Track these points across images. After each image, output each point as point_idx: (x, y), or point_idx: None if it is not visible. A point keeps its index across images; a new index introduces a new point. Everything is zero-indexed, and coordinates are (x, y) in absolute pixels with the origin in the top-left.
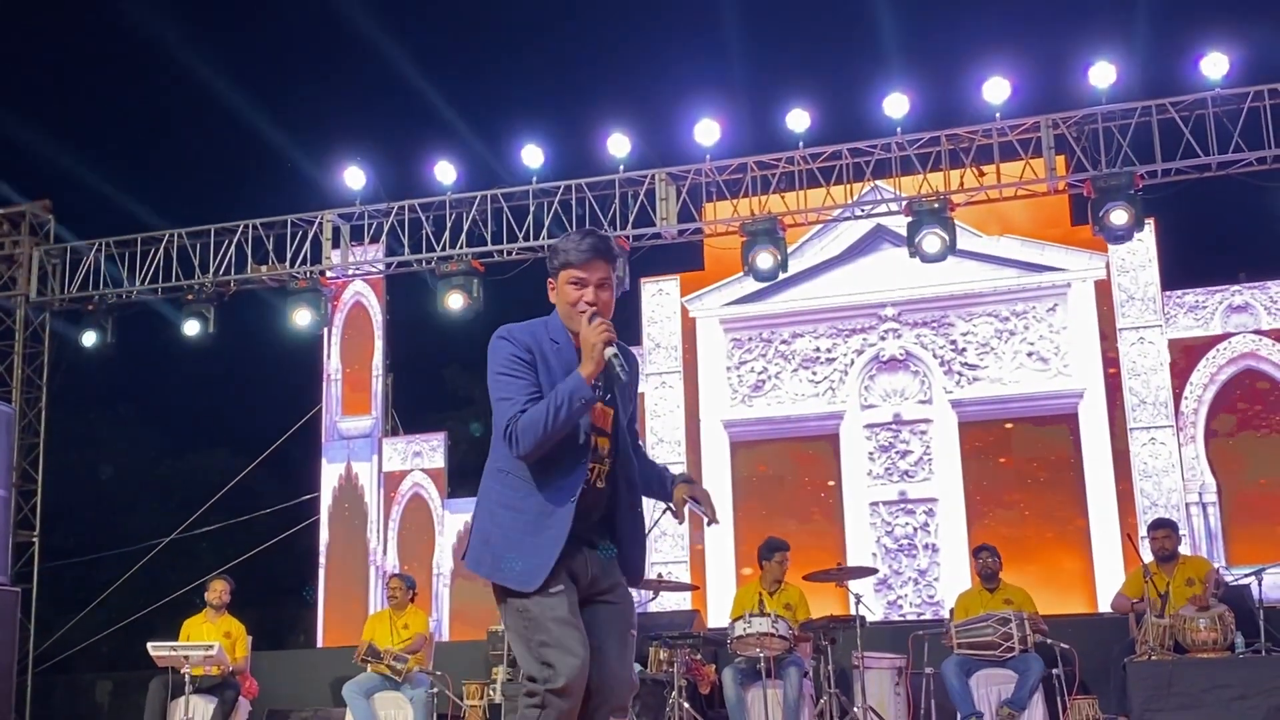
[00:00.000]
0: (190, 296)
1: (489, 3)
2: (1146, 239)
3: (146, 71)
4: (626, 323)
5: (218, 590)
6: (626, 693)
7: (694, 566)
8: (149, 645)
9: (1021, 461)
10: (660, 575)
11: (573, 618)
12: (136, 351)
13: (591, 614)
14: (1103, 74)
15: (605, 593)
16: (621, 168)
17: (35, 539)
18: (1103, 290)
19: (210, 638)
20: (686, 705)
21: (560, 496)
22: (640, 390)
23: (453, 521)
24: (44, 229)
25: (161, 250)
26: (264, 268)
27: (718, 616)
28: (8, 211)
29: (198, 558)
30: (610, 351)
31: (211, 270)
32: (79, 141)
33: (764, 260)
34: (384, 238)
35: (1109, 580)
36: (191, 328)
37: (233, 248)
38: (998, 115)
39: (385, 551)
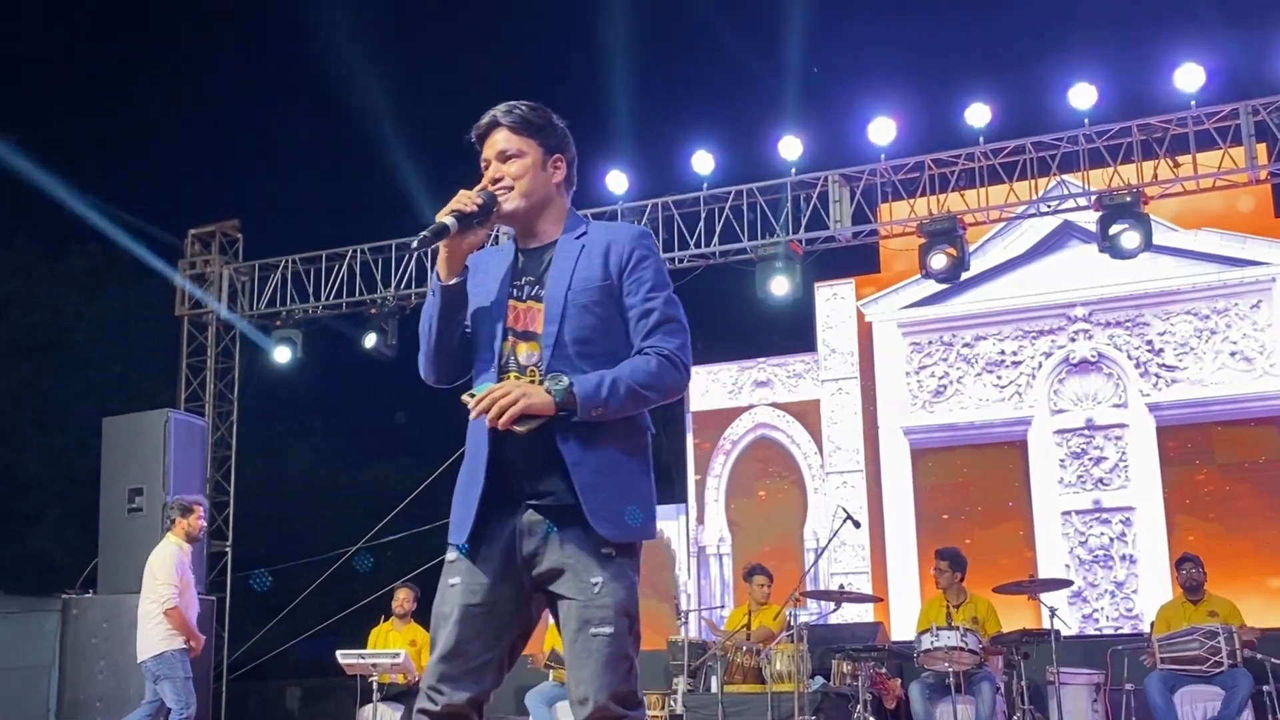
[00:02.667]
0: (373, 310)
1: (659, 15)
2: None
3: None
4: (801, 329)
5: (402, 599)
6: (589, 709)
7: (875, 577)
8: (338, 654)
9: (1225, 467)
10: (841, 586)
11: (457, 600)
12: (321, 365)
13: (557, 611)
14: None
15: (553, 579)
16: (793, 170)
17: (228, 549)
18: None
19: (397, 646)
20: (872, 719)
21: (477, 422)
22: (815, 397)
23: None
24: (233, 248)
25: (345, 266)
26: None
27: (900, 629)
28: (199, 232)
29: (381, 566)
30: (445, 220)
31: (393, 285)
32: (267, 164)
33: (943, 261)
34: None
35: None
36: (371, 341)
37: (413, 262)
38: (1193, 103)
39: None
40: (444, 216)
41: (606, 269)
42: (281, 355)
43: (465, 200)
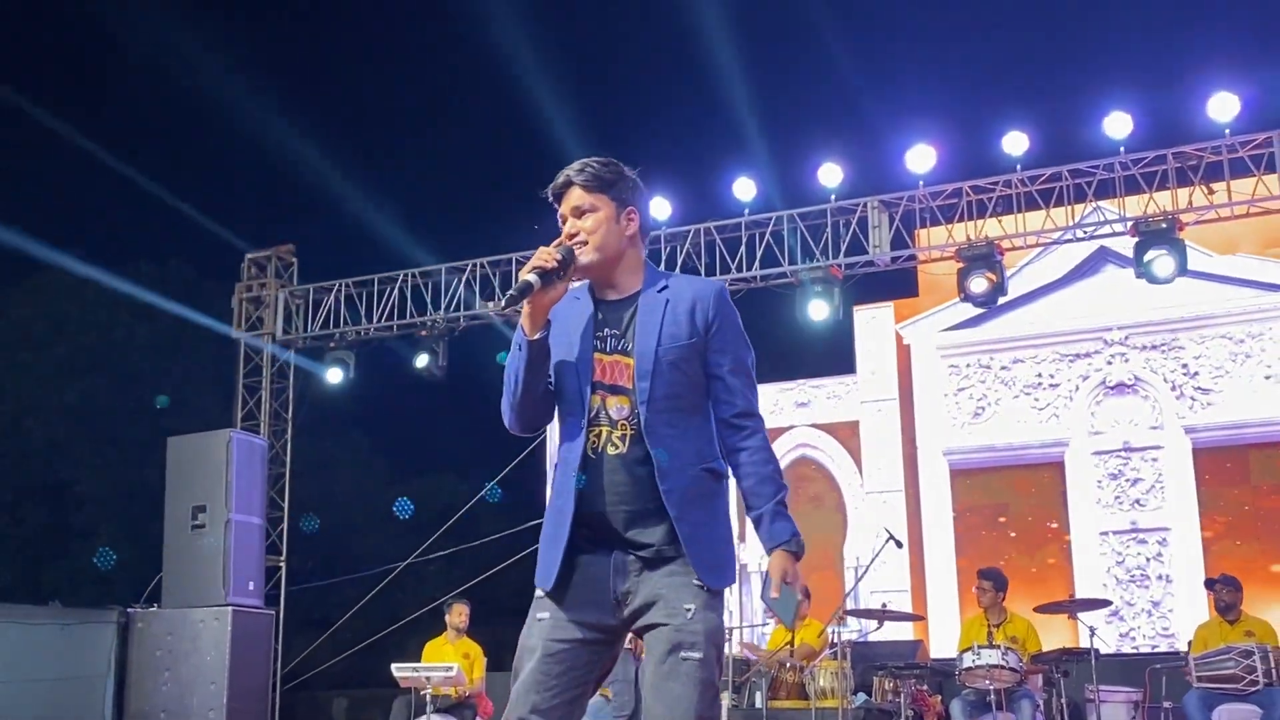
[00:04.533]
0: (423, 332)
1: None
2: None
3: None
4: (841, 351)
5: (459, 613)
6: None
7: (915, 596)
8: (393, 667)
9: (1260, 489)
10: (884, 604)
11: (544, 635)
12: (372, 385)
13: (644, 644)
14: None
15: (645, 611)
16: (833, 197)
17: (282, 563)
18: None
19: (450, 659)
20: None
21: (564, 472)
22: (854, 417)
23: None
24: (288, 272)
25: (396, 290)
26: (491, 304)
27: (940, 647)
28: (255, 256)
29: (427, 580)
30: (529, 277)
31: (443, 307)
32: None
33: (981, 285)
34: None
35: None
36: (423, 361)
37: (461, 285)
38: (1227, 131)
39: None
40: (527, 274)
41: (694, 326)
42: (334, 376)
43: (546, 257)
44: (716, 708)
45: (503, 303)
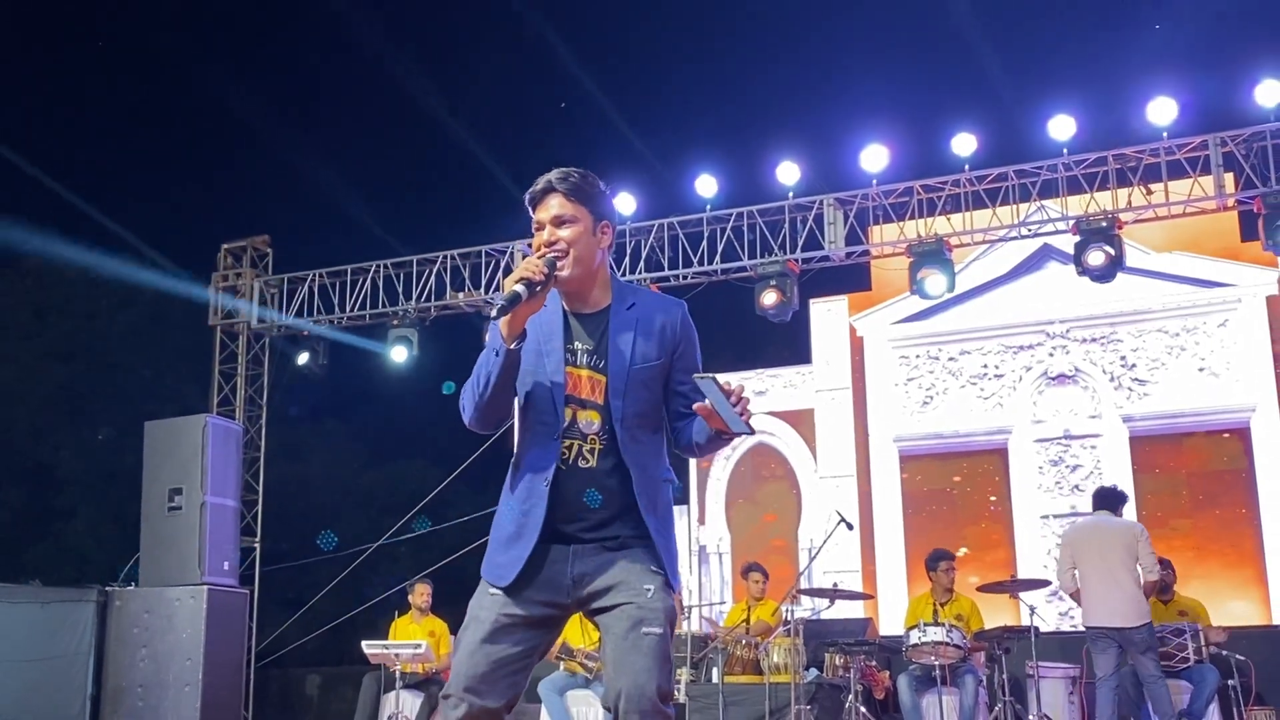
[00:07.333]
0: (395, 322)
1: (665, 46)
2: None
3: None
4: (797, 342)
5: (421, 593)
6: (639, 699)
7: (865, 575)
8: (363, 644)
9: (1193, 475)
10: (835, 584)
11: (490, 633)
12: (344, 372)
13: (599, 624)
14: (1270, 92)
15: (605, 593)
16: (791, 194)
17: (256, 545)
18: (1274, 305)
19: (417, 637)
20: (863, 709)
21: (531, 479)
22: (810, 405)
23: None
24: (264, 261)
25: (369, 280)
26: (461, 294)
27: (889, 624)
28: (232, 246)
29: (398, 562)
30: (516, 288)
31: (414, 297)
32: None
33: (931, 280)
34: None
35: None
36: (396, 350)
37: (433, 276)
38: (1165, 134)
39: None
40: (514, 285)
41: (662, 347)
42: (302, 361)
43: (534, 269)
44: (672, 680)
45: (493, 313)
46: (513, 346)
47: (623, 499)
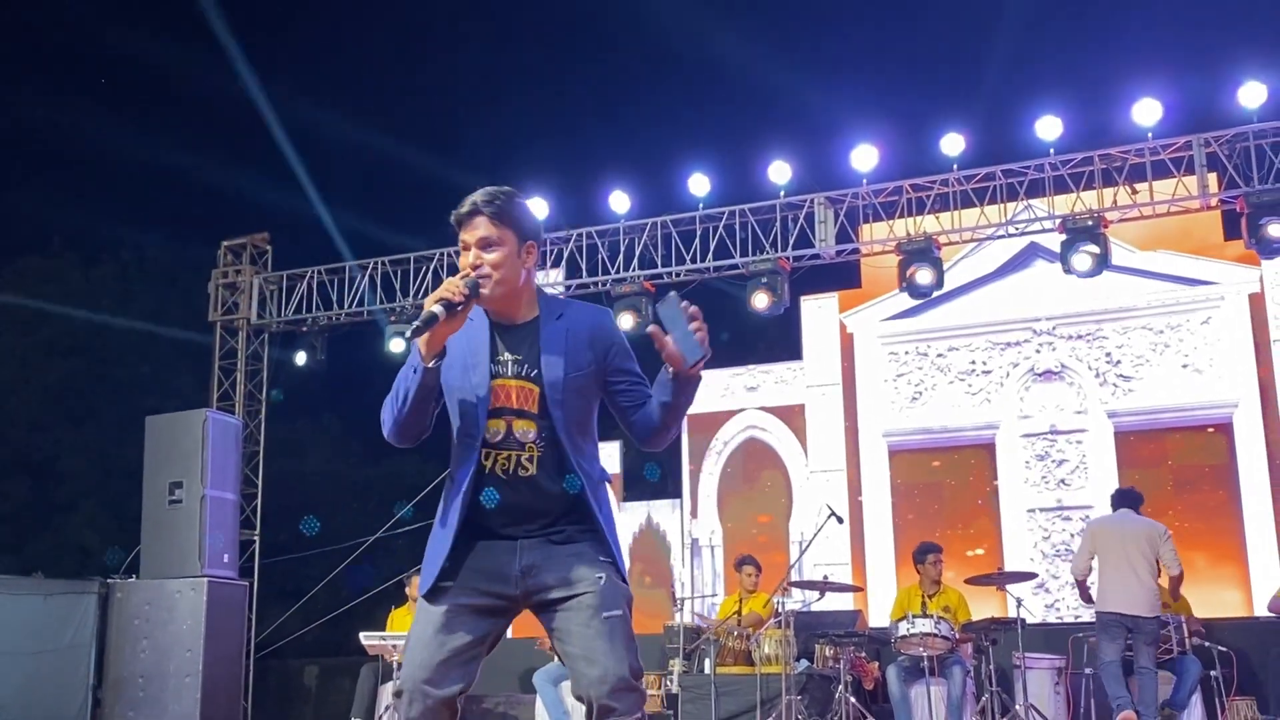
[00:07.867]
0: (392, 318)
1: (660, 46)
2: None
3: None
4: (788, 338)
5: (418, 585)
6: (613, 680)
7: (855, 568)
8: (361, 635)
9: (1177, 470)
10: (825, 576)
11: (440, 623)
12: (342, 368)
13: (552, 620)
14: (1253, 94)
15: (553, 587)
16: (782, 193)
17: (256, 538)
18: (1256, 303)
19: None
20: (852, 700)
21: (454, 490)
22: (801, 401)
23: (627, 521)
24: (263, 259)
25: (366, 277)
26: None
27: (878, 616)
28: (232, 243)
29: (394, 554)
30: (434, 308)
31: (411, 294)
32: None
33: (920, 278)
34: (564, 262)
35: (1265, 584)
36: (395, 345)
37: (430, 274)
38: (1150, 135)
39: None
40: (433, 305)
41: (593, 354)
42: (300, 359)
43: (454, 290)
44: (639, 658)
45: (408, 333)
46: (430, 365)
47: (566, 501)
